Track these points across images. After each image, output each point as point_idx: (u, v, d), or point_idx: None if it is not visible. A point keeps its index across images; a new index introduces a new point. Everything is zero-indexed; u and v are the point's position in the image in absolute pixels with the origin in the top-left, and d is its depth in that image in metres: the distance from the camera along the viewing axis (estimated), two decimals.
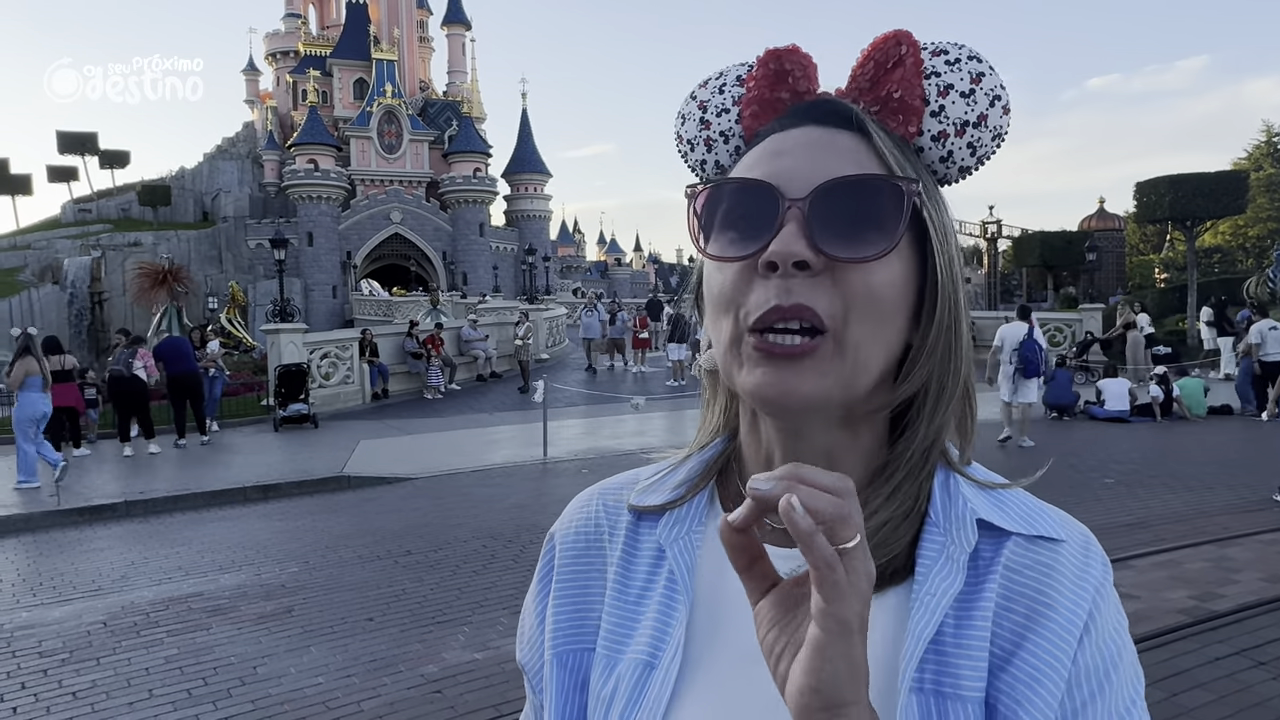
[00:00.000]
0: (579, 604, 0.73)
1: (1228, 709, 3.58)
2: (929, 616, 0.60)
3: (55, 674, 4.66)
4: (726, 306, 0.62)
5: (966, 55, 0.67)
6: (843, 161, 0.62)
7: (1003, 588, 0.62)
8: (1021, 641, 0.60)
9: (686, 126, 0.74)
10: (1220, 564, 5.59)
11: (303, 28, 67.44)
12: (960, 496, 0.65)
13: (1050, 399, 13.50)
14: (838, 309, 0.59)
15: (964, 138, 0.67)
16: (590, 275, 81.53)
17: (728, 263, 0.62)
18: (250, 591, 6.01)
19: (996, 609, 0.61)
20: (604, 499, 0.77)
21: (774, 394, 0.60)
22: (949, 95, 0.66)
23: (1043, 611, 0.61)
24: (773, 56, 0.69)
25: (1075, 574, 0.62)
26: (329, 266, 55.27)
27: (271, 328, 17.35)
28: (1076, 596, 0.61)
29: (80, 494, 9.62)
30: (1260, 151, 45.32)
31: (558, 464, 10.73)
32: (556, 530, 0.79)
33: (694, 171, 0.75)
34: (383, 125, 58.59)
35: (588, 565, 0.74)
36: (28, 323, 17.99)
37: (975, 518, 0.64)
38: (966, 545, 0.63)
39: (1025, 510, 0.66)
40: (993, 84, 0.67)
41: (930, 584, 0.61)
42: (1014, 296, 38.72)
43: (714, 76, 0.73)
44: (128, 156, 60.34)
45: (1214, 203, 26.16)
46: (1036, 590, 0.61)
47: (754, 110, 0.69)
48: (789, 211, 0.60)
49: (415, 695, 4.14)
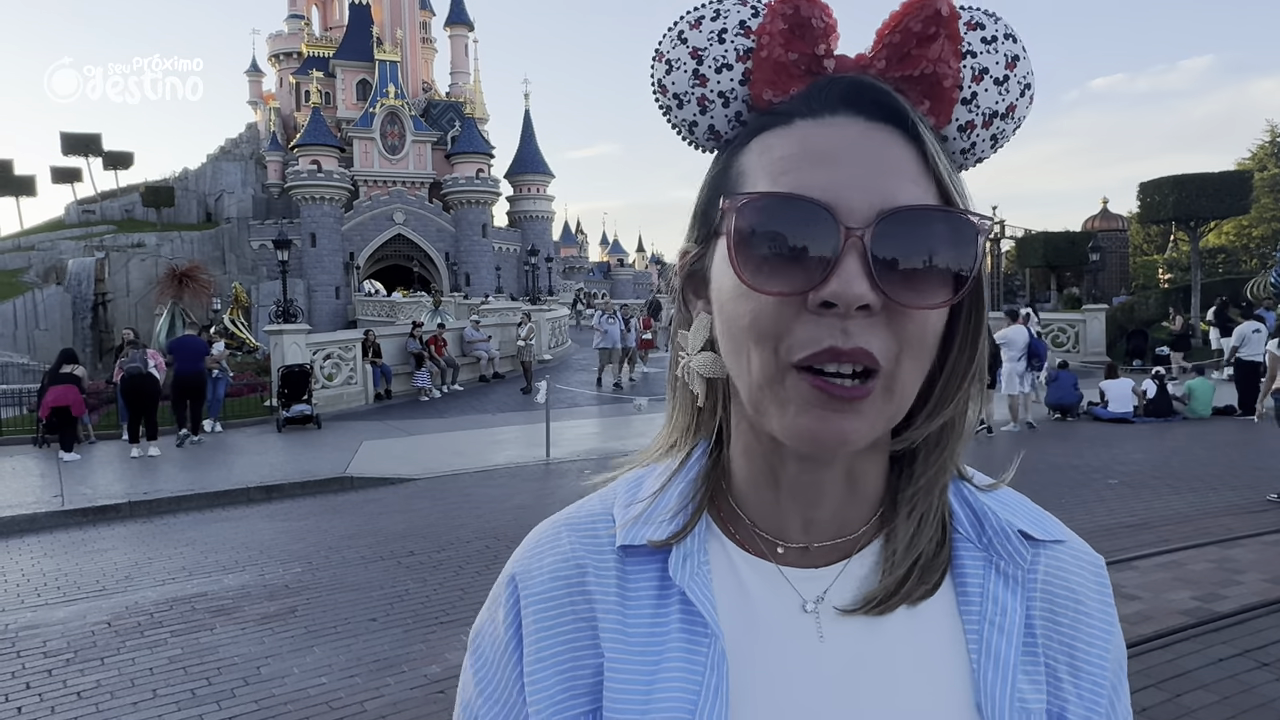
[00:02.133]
0: (569, 660, 0.62)
1: (1231, 710, 3.57)
2: (1009, 641, 0.59)
3: (60, 674, 4.67)
4: (760, 339, 0.55)
5: (1004, 33, 0.59)
6: (901, 179, 0.54)
7: (1043, 597, 0.62)
8: (1073, 650, 0.61)
9: (674, 77, 0.61)
10: (1223, 565, 5.58)
11: (306, 29, 67.49)
12: (987, 509, 0.63)
13: (1053, 399, 13.50)
14: (892, 350, 0.54)
15: (990, 129, 0.61)
16: (593, 276, 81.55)
17: (769, 295, 0.54)
18: (254, 592, 6.02)
19: (1042, 619, 0.61)
20: (574, 533, 0.67)
21: (827, 438, 0.54)
22: (983, 81, 0.59)
23: (1083, 618, 0.62)
24: (790, 3, 0.58)
25: (1094, 575, 0.64)
26: (332, 267, 55.30)
27: (275, 328, 17.36)
28: (1102, 597, 0.64)
29: (85, 495, 9.64)
30: (1265, 151, 45.15)
31: (561, 465, 10.73)
32: (519, 573, 0.67)
33: (677, 130, 0.64)
34: (386, 126, 58.61)
35: (572, 614, 0.63)
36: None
37: (1016, 530, 0.62)
38: (1023, 562, 0.61)
39: (1032, 513, 0.66)
40: (1026, 70, 0.60)
41: (995, 604, 0.60)
42: (1017, 297, 38.64)
43: (709, 15, 0.60)
44: (131, 158, 60.36)
45: (1218, 203, 26.07)
46: (1072, 597, 0.63)
47: (767, 76, 0.58)
48: (849, 242, 0.52)
49: (418, 695, 4.15)
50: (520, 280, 55.39)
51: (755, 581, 0.62)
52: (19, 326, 41.68)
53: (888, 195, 0.53)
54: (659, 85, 0.63)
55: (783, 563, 0.62)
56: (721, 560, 0.63)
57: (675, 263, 0.65)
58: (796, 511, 0.62)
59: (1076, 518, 6.63)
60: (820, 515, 0.62)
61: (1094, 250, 28.80)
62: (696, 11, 0.61)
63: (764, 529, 0.63)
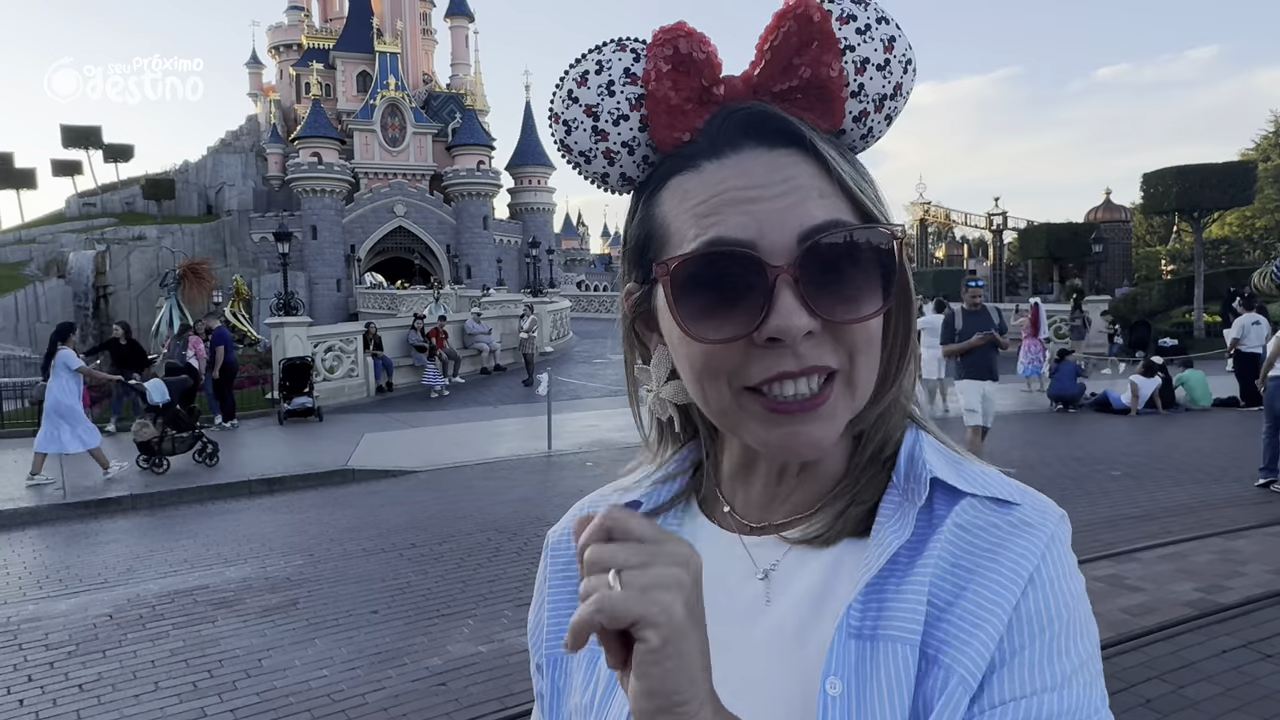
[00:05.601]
0: (567, 607, 0.72)
1: (1235, 701, 3.57)
2: (872, 564, 0.60)
3: (62, 666, 4.67)
4: (714, 376, 0.59)
5: (875, 18, 0.61)
6: (813, 203, 0.57)
7: (951, 543, 0.60)
8: (963, 590, 0.58)
9: (575, 137, 0.64)
10: (1227, 556, 5.57)
11: (305, 20, 67.35)
12: (922, 460, 0.64)
13: (1055, 391, 13.48)
14: (844, 358, 0.59)
15: (882, 112, 0.63)
16: (594, 268, 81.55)
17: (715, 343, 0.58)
18: (255, 584, 6.03)
19: (943, 562, 0.60)
20: (592, 503, 0.77)
21: (799, 446, 0.59)
22: (866, 71, 0.60)
23: (987, 564, 0.59)
24: (667, 41, 0.60)
25: (1027, 528, 0.60)
26: (333, 260, 55.30)
27: (276, 321, 17.36)
28: (1025, 547, 0.59)
29: (87, 487, 9.65)
30: (1268, 142, 44.99)
31: (562, 457, 10.73)
32: (550, 534, 0.78)
33: (593, 183, 0.67)
34: (386, 118, 58.54)
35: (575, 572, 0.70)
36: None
37: (931, 476, 0.63)
38: (917, 500, 0.62)
39: (984, 476, 0.64)
40: (904, 47, 0.62)
41: (879, 535, 0.61)
42: (1019, 288, 38.60)
43: (593, 70, 0.63)
44: (132, 150, 60.31)
45: (1221, 194, 26.00)
46: (987, 546, 0.60)
47: (666, 120, 0.61)
48: (779, 279, 0.55)
49: (420, 688, 4.15)
50: (521, 272, 55.35)
51: (717, 551, 0.67)
52: (20, 319, 41.74)
53: (804, 222, 0.56)
54: (562, 146, 0.65)
55: (741, 531, 0.68)
56: (692, 531, 0.71)
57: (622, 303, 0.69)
58: (772, 496, 0.68)
59: (1079, 510, 6.62)
60: (796, 499, 0.67)
61: (1097, 242, 28.77)
62: (579, 66, 0.63)
63: (739, 511, 0.69)
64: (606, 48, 0.63)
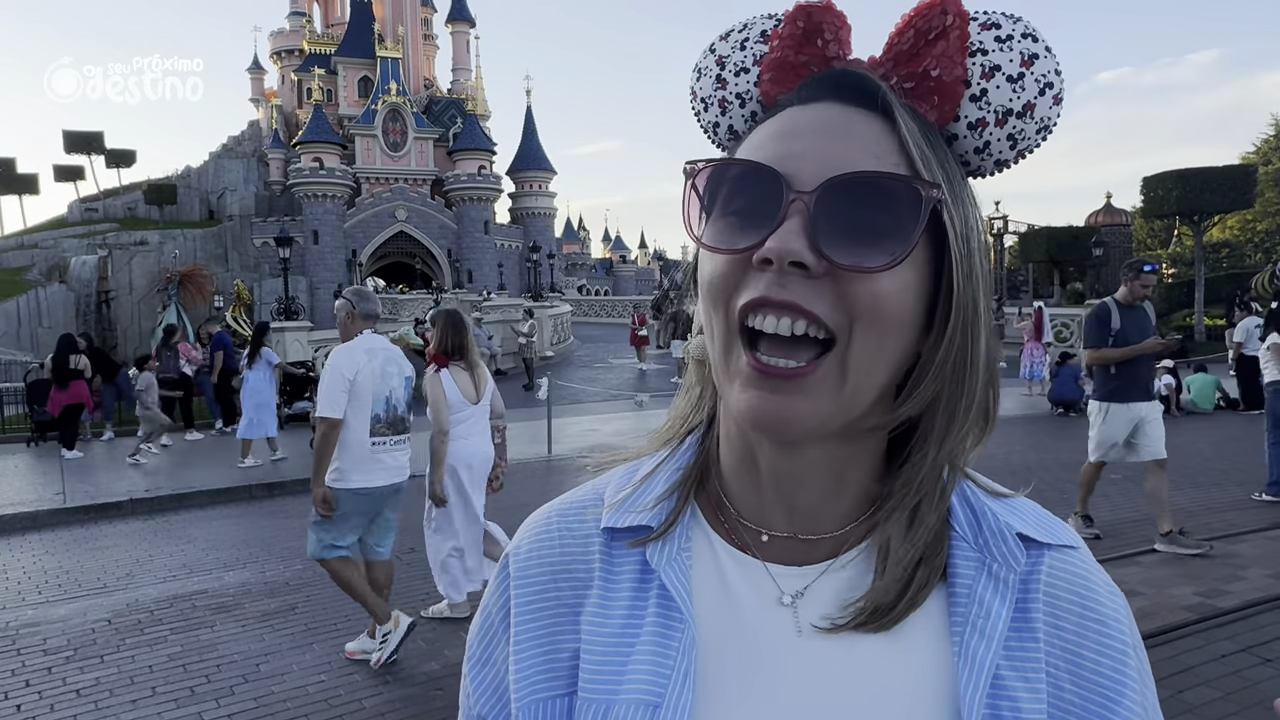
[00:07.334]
0: (548, 643, 0.64)
1: (1234, 706, 3.56)
2: (989, 644, 0.56)
3: (60, 671, 4.67)
4: (717, 299, 0.57)
5: (1021, 33, 0.59)
6: (859, 151, 0.55)
7: (1047, 603, 0.59)
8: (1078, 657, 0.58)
9: (702, 83, 0.67)
10: (1227, 560, 5.56)
11: (307, 26, 67.49)
12: (987, 510, 0.61)
13: (1055, 394, 13.46)
14: (841, 319, 0.54)
15: (1005, 128, 0.60)
16: (595, 273, 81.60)
17: (721, 254, 0.57)
18: (254, 589, 6.02)
19: (1046, 626, 0.58)
20: (564, 520, 0.69)
21: (766, 420, 0.55)
22: (994, 78, 0.59)
23: (1090, 624, 0.59)
24: (802, 13, 0.62)
25: (1106, 582, 0.61)
26: (334, 265, 55.32)
27: (277, 326, 17.37)
28: (1116, 607, 0.60)
29: (87, 492, 9.65)
30: (1269, 145, 44.94)
31: (562, 461, 10.74)
32: (512, 555, 0.70)
33: (706, 133, 0.69)
34: (387, 123, 58.60)
35: (555, 598, 0.65)
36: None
37: (1014, 533, 0.60)
38: (1015, 565, 0.59)
39: (1040, 517, 0.63)
40: (1046, 69, 0.59)
41: (979, 607, 0.58)
42: (1020, 292, 38.60)
43: (737, 28, 0.66)
44: (134, 156, 60.32)
45: (1222, 197, 26.02)
46: (1081, 604, 0.59)
47: (773, 74, 0.62)
48: (793, 205, 0.54)
49: (417, 693, 4.15)
50: (523, 277, 55.39)
51: (736, 572, 0.62)
52: (23, 324, 41.76)
53: (840, 164, 0.55)
54: (691, 91, 0.68)
55: (766, 555, 0.63)
56: (704, 549, 0.64)
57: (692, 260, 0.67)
58: (778, 500, 0.62)
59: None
60: (802, 504, 0.62)
61: (1097, 245, 28.73)
62: (729, 26, 0.67)
63: (748, 518, 0.64)
64: (760, 15, 0.66)
